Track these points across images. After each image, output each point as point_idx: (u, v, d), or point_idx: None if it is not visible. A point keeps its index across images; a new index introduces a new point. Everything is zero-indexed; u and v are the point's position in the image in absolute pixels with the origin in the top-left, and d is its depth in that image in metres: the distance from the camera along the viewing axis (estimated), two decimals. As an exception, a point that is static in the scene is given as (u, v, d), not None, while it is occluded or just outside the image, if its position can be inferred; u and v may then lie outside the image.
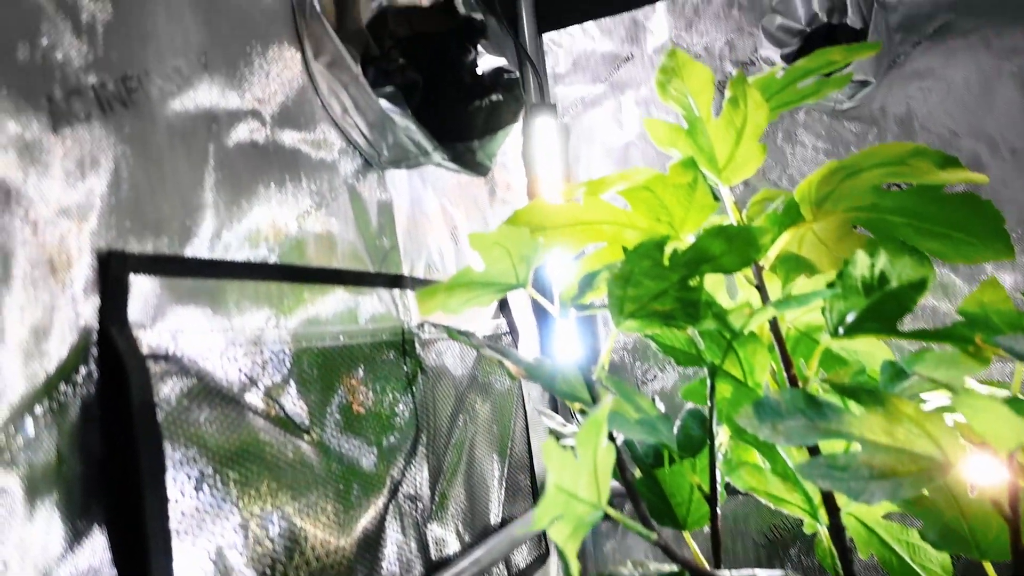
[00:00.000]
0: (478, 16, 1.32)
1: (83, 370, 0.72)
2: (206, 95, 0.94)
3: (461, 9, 1.30)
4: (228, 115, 0.97)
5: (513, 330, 1.68)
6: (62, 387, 0.69)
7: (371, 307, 1.21)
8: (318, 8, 1.10)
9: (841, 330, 0.87)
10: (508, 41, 2.02)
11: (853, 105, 1.80)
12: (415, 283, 1.34)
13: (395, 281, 1.28)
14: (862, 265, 0.94)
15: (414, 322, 1.31)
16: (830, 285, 0.91)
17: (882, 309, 0.87)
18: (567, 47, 2.12)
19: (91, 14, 0.79)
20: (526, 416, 1.68)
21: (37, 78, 0.71)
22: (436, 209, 1.51)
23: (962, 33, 1.72)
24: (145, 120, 0.84)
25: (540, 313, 1.84)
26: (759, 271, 0.96)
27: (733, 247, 0.92)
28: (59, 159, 0.73)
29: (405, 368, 1.26)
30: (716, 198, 1.31)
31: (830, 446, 0.87)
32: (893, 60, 1.77)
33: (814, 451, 0.80)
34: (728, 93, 1.25)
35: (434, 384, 1.34)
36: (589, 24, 2.09)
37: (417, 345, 1.30)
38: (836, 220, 1.13)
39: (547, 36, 2.13)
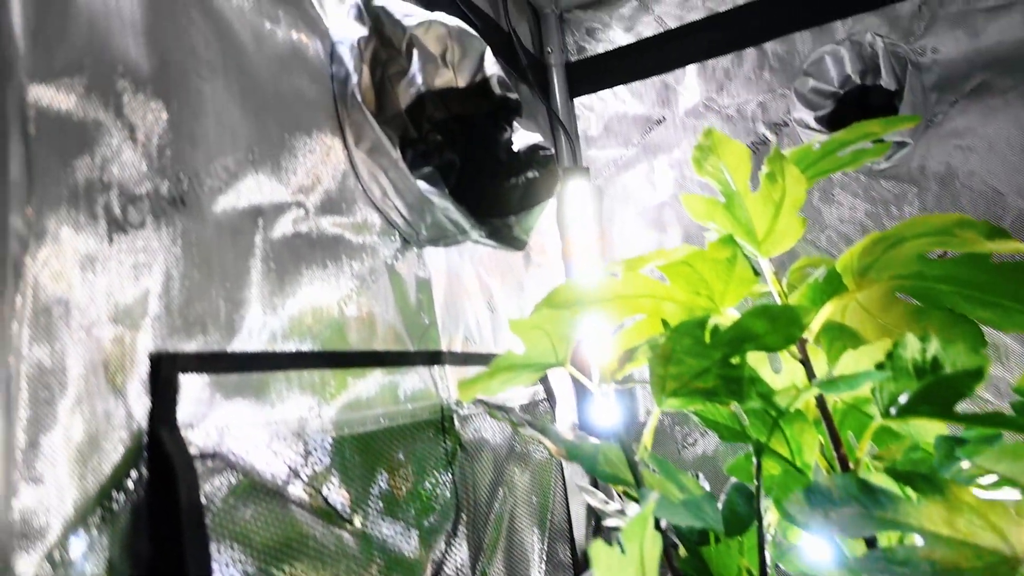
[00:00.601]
0: (513, 96, 1.34)
1: (134, 474, 0.73)
2: (253, 189, 0.97)
3: (496, 90, 1.33)
4: (273, 207, 1.00)
5: (551, 396, 1.67)
6: (114, 494, 0.70)
7: (411, 385, 1.22)
8: (359, 98, 1.13)
9: (893, 411, 0.84)
10: (540, 107, 2.05)
11: (891, 165, 1.78)
12: (453, 358, 1.34)
13: (434, 358, 1.28)
14: (912, 348, 0.91)
15: (453, 398, 1.31)
16: (879, 366, 0.89)
17: (936, 393, 0.84)
18: (599, 111, 2.15)
19: (147, 125, 0.82)
20: (565, 484, 1.66)
21: (95, 192, 0.74)
22: (473, 279, 1.52)
23: (1000, 92, 1.71)
24: (195, 220, 0.87)
25: (579, 383, 1.83)
26: (803, 345, 0.95)
27: (776, 326, 0.91)
28: (114, 267, 0.75)
29: (445, 445, 1.25)
30: (756, 271, 1.30)
31: (886, 533, 0.84)
32: (930, 120, 1.76)
33: (870, 539, 0.78)
34: (765, 168, 1.25)
35: (473, 459, 1.33)
36: (620, 88, 2.12)
37: (456, 421, 1.29)
38: (880, 289, 1.11)
39: (578, 100, 2.16)
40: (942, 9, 1.77)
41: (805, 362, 0.95)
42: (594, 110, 2.15)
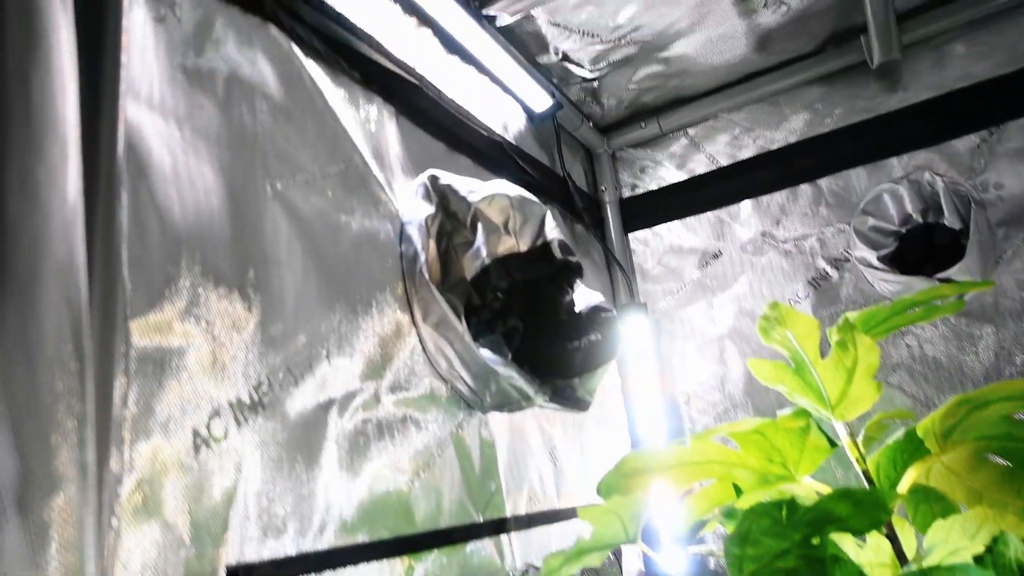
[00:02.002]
0: (573, 259, 1.37)
1: None
2: (327, 380, 0.99)
3: (557, 253, 1.36)
4: (345, 395, 1.02)
5: (616, 551, 1.61)
6: None
7: (477, 558, 1.19)
8: (426, 276, 1.17)
9: (997, 614, 0.78)
10: (596, 243, 2.08)
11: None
12: (518, 523, 1.31)
13: (499, 527, 1.26)
14: (1016, 548, 0.86)
15: (518, 565, 1.27)
16: (977, 559, 0.83)
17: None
18: (653, 246, 2.17)
19: (233, 336, 0.86)
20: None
21: (186, 412, 0.77)
22: (535, 432, 1.51)
23: (1072, 227, 1.66)
24: (273, 421, 0.89)
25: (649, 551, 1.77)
26: (889, 521, 0.90)
27: (861, 510, 0.86)
28: (198, 481, 0.77)
29: (511, 621, 1.20)
30: (831, 439, 1.25)
31: None
32: (999, 256, 1.72)
33: None
34: (835, 336, 1.23)
35: (540, 632, 1.28)
36: (675, 223, 2.14)
37: (522, 592, 1.25)
38: (967, 450, 1.06)
39: (633, 235, 2.19)
40: (1000, 145, 1.76)
41: (892, 538, 0.90)
42: (649, 245, 2.17)
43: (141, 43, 0.81)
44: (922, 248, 1.77)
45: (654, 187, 2.20)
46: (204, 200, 0.85)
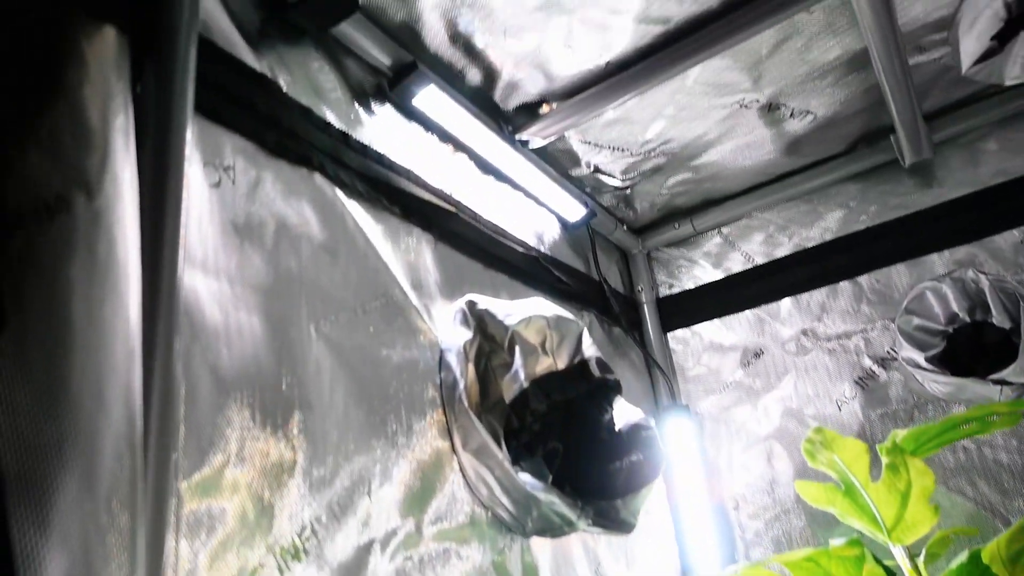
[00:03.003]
0: (612, 376, 1.37)
1: None
2: (368, 520, 0.99)
3: (595, 371, 1.36)
4: (386, 534, 1.02)
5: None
6: None
7: None
8: (465, 403, 1.18)
9: None
10: (634, 346, 2.08)
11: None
12: (564, 654, 1.27)
13: (545, 661, 1.21)
14: None
15: None
16: None
17: None
18: (693, 345, 2.15)
19: (273, 485, 0.87)
20: None
21: (227, 568, 0.78)
22: (579, 552, 1.47)
23: None
24: (316, 566, 0.89)
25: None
26: None
27: None
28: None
29: None
30: (883, 565, 1.21)
31: None
32: (1056, 354, 1.66)
33: None
34: (886, 459, 1.19)
35: None
36: (715, 321, 2.13)
37: None
38: None
39: (672, 335, 2.18)
40: (1045, 240, 1.73)
41: None
42: (688, 344, 2.16)
43: (198, 210, 0.87)
44: (973, 347, 1.72)
45: (691, 286, 2.20)
46: (251, 349, 0.89)
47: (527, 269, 1.64)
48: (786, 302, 2.03)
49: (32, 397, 0.54)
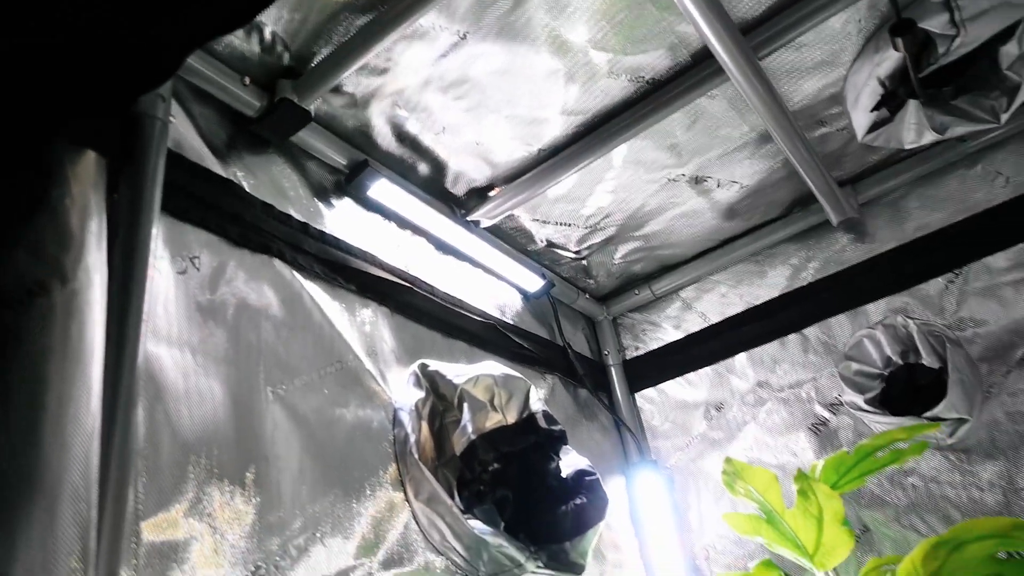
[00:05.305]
0: (557, 428, 1.50)
1: None
2: (322, 561, 1.12)
3: (542, 423, 1.49)
4: (339, 574, 1.13)
5: None
6: None
7: None
8: (416, 456, 1.32)
9: None
10: (601, 408, 2.20)
11: (957, 440, 1.75)
12: None
13: None
14: None
15: None
16: None
17: None
18: (659, 403, 2.27)
19: (234, 527, 1.01)
20: None
21: (186, 598, 0.91)
22: (542, 600, 1.56)
23: (1051, 358, 1.71)
24: (269, 602, 1.01)
25: None
26: None
27: None
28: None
29: None
30: (809, 591, 1.29)
31: None
32: (987, 390, 1.76)
33: None
34: (796, 486, 1.31)
35: None
36: (678, 379, 2.25)
37: None
38: None
39: (640, 395, 2.30)
40: (968, 285, 1.86)
41: None
42: (655, 403, 2.28)
43: (165, 293, 1.05)
44: (907, 388, 1.83)
45: (655, 347, 2.34)
46: (211, 411, 1.04)
47: (486, 337, 1.79)
48: (741, 357, 2.16)
49: (7, 445, 0.69)
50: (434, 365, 1.47)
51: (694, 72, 1.49)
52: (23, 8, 0.72)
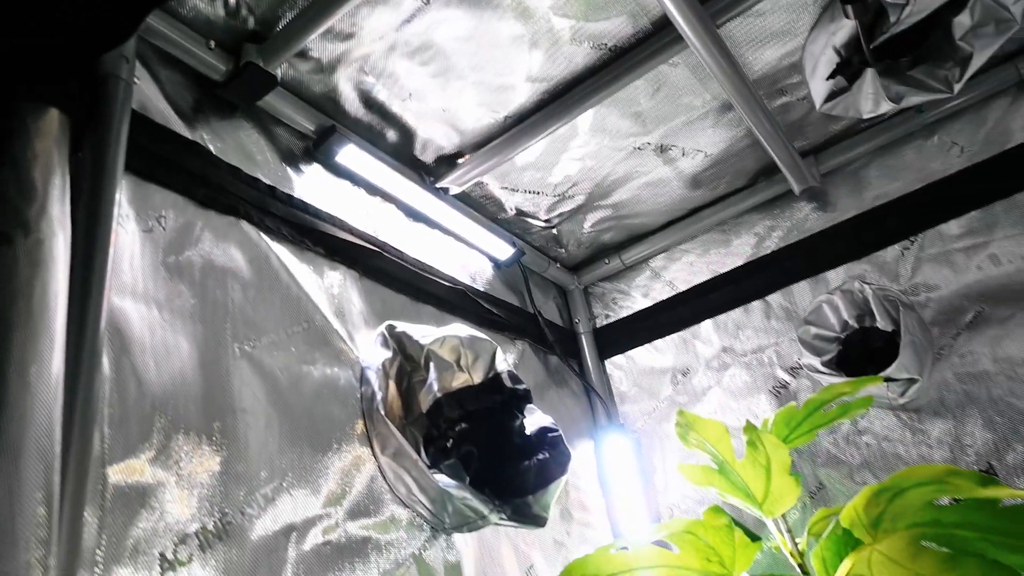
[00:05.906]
0: (521, 387, 1.55)
1: None
2: (287, 510, 1.16)
3: (507, 383, 1.54)
4: (305, 522, 1.18)
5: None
6: None
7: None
8: (382, 412, 1.36)
9: None
10: (571, 374, 2.25)
11: (908, 400, 1.83)
12: (486, 641, 1.40)
13: (465, 644, 1.35)
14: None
15: None
16: None
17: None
18: (628, 369, 2.33)
19: (201, 475, 1.05)
20: None
21: (153, 539, 0.95)
22: (509, 554, 1.62)
23: (999, 321, 1.78)
24: (236, 547, 1.05)
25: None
26: None
27: None
28: (165, 601, 0.93)
29: None
30: (754, 536, 1.36)
31: None
32: (938, 352, 1.83)
33: None
34: (745, 437, 1.37)
35: None
36: (647, 346, 2.31)
37: None
38: (902, 539, 1.15)
39: (610, 362, 2.36)
40: (923, 252, 1.92)
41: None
42: (624, 369, 2.34)
43: (130, 250, 1.07)
44: (862, 351, 1.89)
45: (624, 315, 2.39)
46: (178, 365, 1.08)
47: (455, 301, 1.83)
48: (707, 324, 2.22)
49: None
50: (401, 326, 1.51)
51: (655, 39, 1.52)
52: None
